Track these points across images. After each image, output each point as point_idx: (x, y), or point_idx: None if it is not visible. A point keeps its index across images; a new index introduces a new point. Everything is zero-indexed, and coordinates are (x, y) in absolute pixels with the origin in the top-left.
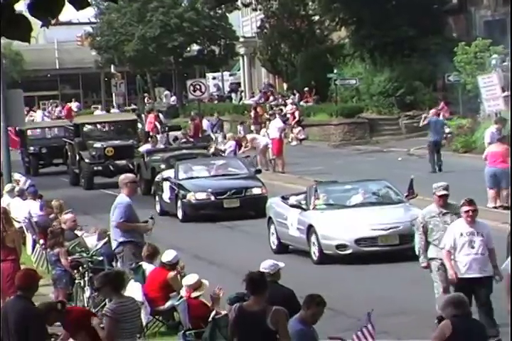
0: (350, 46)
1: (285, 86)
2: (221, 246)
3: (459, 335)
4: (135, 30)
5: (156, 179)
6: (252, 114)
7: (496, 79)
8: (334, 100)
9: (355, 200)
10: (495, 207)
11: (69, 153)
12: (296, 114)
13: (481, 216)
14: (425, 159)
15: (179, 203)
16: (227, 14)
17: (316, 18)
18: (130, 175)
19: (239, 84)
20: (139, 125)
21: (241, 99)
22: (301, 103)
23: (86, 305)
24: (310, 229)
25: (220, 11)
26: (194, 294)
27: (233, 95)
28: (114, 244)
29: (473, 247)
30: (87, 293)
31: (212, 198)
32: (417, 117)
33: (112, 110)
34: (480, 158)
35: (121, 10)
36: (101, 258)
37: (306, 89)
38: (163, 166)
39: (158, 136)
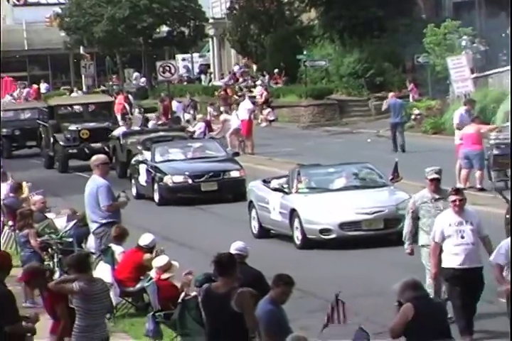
0: (319, 27)
1: (254, 67)
2: (197, 230)
3: (422, 316)
4: (104, 11)
5: (132, 162)
6: (222, 95)
7: (465, 60)
8: (304, 81)
9: (339, 184)
10: (464, 189)
11: (43, 136)
12: (265, 95)
13: None
14: (390, 138)
15: (156, 186)
16: None
17: None
18: (101, 156)
19: (208, 65)
20: None
21: (210, 80)
22: (271, 84)
23: None
24: (293, 213)
25: None
26: (164, 276)
27: (203, 76)
28: (94, 226)
29: (462, 237)
30: (57, 274)
31: (190, 181)
32: (386, 98)
33: (74, 94)
34: (449, 139)
35: None
36: (70, 239)
37: (275, 70)
38: (139, 149)
39: (131, 117)
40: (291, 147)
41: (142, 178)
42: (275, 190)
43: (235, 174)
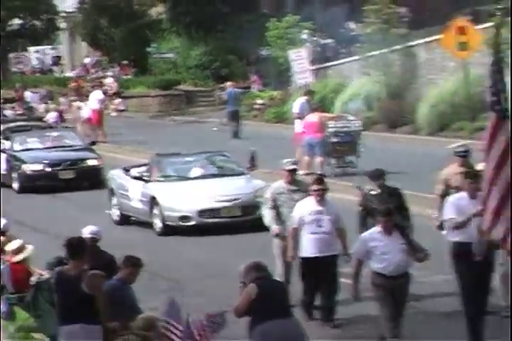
0: (167, 21)
1: (105, 59)
2: (55, 216)
3: (265, 296)
4: None
5: None
6: (74, 86)
7: (305, 53)
8: (152, 73)
9: (198, 172)
10: (307, 174)
11: None
12: (115, 86)
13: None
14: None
15: (15, 175)
16: None
17: None
18: None
19: (60, 57)
20: None
21: (62, 71)
22: (121, 76)
23: None
24: (153, 201)
25: None
26: (16, 258)
27: (55, 68)
28: None
29: (320, 226)
30: None
31: (48, 169)
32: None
33: None
34: (291, 127)
35: None
36: None
37: (125, 62)
38: None
39: None
40: (140, 135)
41: (2, 167)
42: (135, 178)
43: (92, 162)
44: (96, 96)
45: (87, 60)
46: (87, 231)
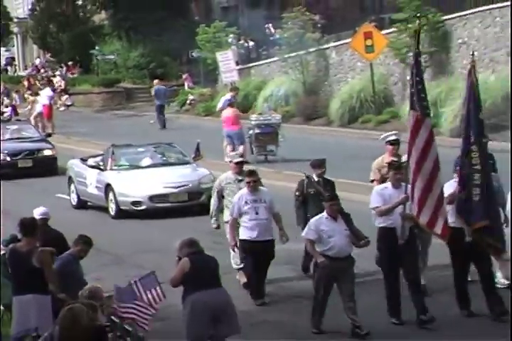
0: (109, 27)
1: (54, 60)
2: (14, 201)
3: (198, 269)
4: None
5: None
6: (26, 84)
7: (231, 54)
8: (96, 72)
9: (148, 161)
10: (230, 161)
11: None
12: (63, 83)
13: (220, 169)
14: (171, 121)
15: None
16: None
17: (80, 2)
18: None
19: (13, 58)
20: None
21: (15, 71)
22: (68, 75)
23: None
24: (108, 188)
25: None
26: None
27: (9, 68)
28: None
29: (257, 213)
30: None
31: (8, 159)
32: (167, 86)
33: None
34: (218, 120)
35: None
36: None
37: (71, 62)
38: None
39: None
40: (86, 128)
41: None
42: (92, 167)
43: (47, 152)
44: (46, 93)
45: (37, 61)
46: (37, 212)
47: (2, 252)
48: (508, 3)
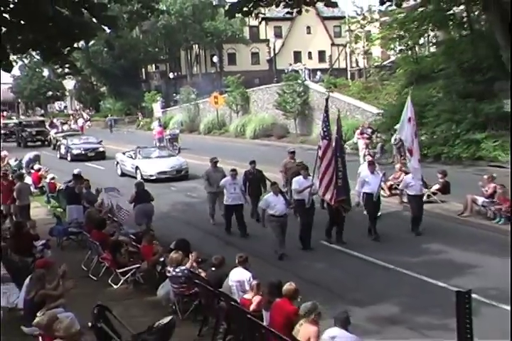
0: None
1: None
2: (86, 174)
3: (140, 193)
4: None
5: None
6: (72, 117)
7: (159, 104)
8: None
9: (156, 154)
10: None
11: (17, 133)
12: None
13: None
14: (134, 133)
15: None
16: None
17: None
18: None
19: (66, 106)
20: None
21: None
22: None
23: None
24: (136, 168)
25: None
26: None
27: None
28: None
29: (235, 189)
30: None
31: (83, 152)
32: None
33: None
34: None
35: None
36: None
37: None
38: None
39: None
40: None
41: None
42: (129, 156)
43: (101, 149)
44: (81, 121)
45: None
46: (76, 171)
47: (61, 187)
48: None
